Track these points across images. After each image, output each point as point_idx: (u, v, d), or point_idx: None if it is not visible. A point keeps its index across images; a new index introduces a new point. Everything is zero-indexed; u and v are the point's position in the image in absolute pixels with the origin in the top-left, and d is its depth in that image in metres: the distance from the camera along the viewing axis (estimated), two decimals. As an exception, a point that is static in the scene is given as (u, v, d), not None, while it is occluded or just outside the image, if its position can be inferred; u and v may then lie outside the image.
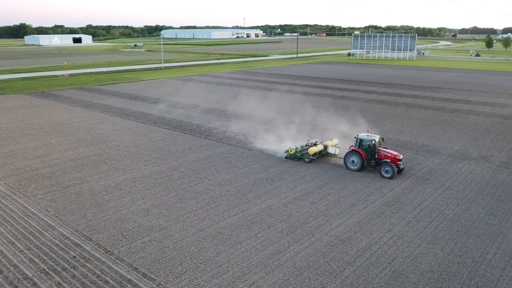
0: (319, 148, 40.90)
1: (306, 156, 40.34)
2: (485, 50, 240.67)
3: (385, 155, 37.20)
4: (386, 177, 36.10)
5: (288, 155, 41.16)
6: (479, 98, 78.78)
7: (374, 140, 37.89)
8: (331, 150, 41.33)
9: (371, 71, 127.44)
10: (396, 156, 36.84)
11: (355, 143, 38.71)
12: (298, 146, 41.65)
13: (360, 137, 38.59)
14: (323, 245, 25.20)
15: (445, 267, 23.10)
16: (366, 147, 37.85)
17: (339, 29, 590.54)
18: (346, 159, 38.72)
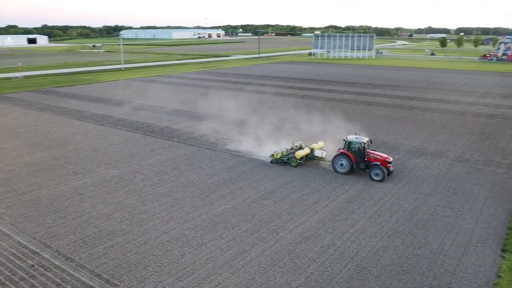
0: (306, 152, 39.66)
1: (292, 160, 39.06)
2: (439, 49, 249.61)
3: (374, 158, 36.51)
4: (376, 180, 35.44)
5: (273, 159, 39.62)
6: (435, 95, 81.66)
7: (364, 142, 37.20)
8: (318, 153, 40.09)
9: (332, 70, 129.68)
10: (386, 158, 36.34)
11: (344, 146, 37.78)
12: (283, 150, 40.09)
13: (349, 139, 37.64)
14: (287, 243, 25.45)
15: (405, 259, 23.82)
16: (356, 150, 37.06)
17: (300, 29, 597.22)
18: (334, 162, 37.74)
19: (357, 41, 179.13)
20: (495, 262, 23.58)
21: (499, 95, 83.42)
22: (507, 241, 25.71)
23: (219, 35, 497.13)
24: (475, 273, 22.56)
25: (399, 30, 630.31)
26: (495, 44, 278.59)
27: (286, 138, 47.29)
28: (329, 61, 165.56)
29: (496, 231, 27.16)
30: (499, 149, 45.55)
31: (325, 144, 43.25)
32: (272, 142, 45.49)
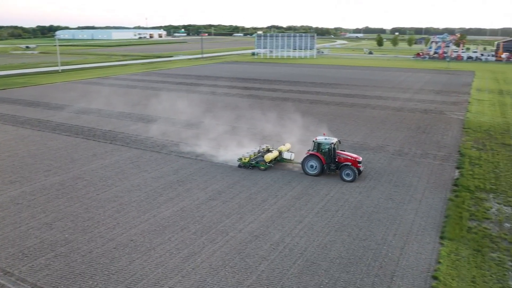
0: (275, 155, 38.90)
1: (261, 164, 38.17)
2: (376, 48, 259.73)
3: (345, 158, 36.38)
4: (348, 180, 35.38)
5: (241, 163, 38.53)
6: (374, 92, 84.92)
7: (333, 143, 37.04)
8: (287, 155, 39.45)
9: (275, 69, 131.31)
10: (356, 158, 36.35)
11: (313, 147, 37.38)
12: (251, 153, 39.11)
13: (319, 140, 37.23)
14: (237, 243, 25.49)
15: (352, 251, 24.59)
16: (326, 151, 36.72)
17: (242, 29, 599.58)
18: (304, 164, 37.27)
19: (298, 41, 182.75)
20: (434, 249, 24.91)
21: (432, 91, 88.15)
22: (444, 229, 27.22)
23: (161, 36, 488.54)
24: (417, 260, 23.70)
25: (339, 30, 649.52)
26: (427, 43, 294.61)
27: (237, 138, 47.32)
28: (272, 60, 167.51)
29: (435, 220, 28.69)
30: (434, 142, 48.13)
31: (278, 144, 43.73)
32: (225, 143, 45.54)
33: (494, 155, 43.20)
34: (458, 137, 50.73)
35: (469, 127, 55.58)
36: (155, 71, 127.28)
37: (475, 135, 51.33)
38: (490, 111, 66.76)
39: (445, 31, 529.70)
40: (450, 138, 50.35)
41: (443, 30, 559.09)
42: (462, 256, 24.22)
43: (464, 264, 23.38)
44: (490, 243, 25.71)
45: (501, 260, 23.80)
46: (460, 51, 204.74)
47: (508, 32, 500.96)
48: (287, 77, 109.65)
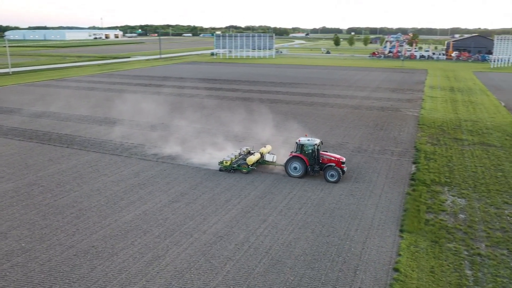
0: (257, 157, 37.95)
1: (243, 167, 37.39)
2: (334, 48, 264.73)
3: (328, 159, 36.13)
4: (332, 181, 35.12)
5: (222, 167, 37.63)
6: (332, 91, 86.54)
7: (317, 144, 36.69)
8: (269, 157, 38.79)
9: (235, 69, 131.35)
10: (340, 159, 36.18)
11: (296, 149, 36.97)
12: (232, 156, 38.06)
13: (302, 142, 36.77)
14: (202, 244, 25.31)
15: (316, 248, 24.95)
16: (309, 152, 36.40)
17: (201, 29, 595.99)
18: (287, 166, 36.72)
19: (257, 41, 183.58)
20: (395, 242, 25.67)
21: (388, 89, 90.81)
22: (403, 222, 28.11)
23: (117, 36, 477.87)
24: (378, 254, 24.35)
25: (296, 30, 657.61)
26: (382, 42, 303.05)
27: (203, 140, 47.00)
28: (231, 60, 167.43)
29: (394, 214, 29.58)
30: (391, 139, 49.60)
31: (241, 144, 43.72)
32: (193, 144, 45.12)
33: (448, 150, 44.99)
34: (414, 133, 52.50)
35: (423, 123, 57.63)
36: (113, 72, 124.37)
37: (430, 131, 53.28)
38: (443, 108, 69.49)
39: (398, 30, 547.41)
40: (406, 134, 52.03)
41: (397, 30, 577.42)
42: (421, 247, 25.08)
43: (423, 255, 24.23)
44: (446, 234, 26.76)
45: (457, 250, 24.83)
46: (413, 50, 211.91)
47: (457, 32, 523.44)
48: (247, 77, 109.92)
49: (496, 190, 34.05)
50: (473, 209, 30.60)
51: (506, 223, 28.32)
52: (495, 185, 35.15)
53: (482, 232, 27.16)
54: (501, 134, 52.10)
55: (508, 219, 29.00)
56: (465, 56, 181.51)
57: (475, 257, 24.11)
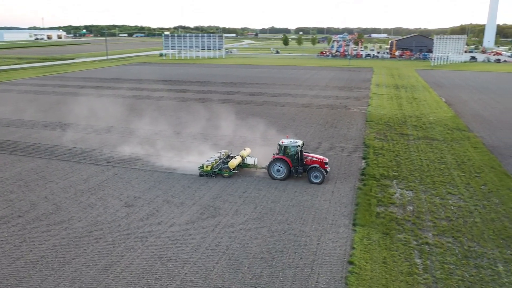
0: (239, 160, 37.09)
1: (225, 171, 36.33)
2: (283, 48, 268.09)
3: (312, 160, 35.81)
4: (316, 182, 34.78)
5: (202, 172, 36.29)
6: (283, 90, 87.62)
7: (299, 146, 36.28)
8: (250, 160, 37.85)
9: (184, 70, 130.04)
10: (323, 160, 35.91)
11: (279, 151, 36.46)
12: (212, 160, 36.93)
13: (285, 144, 36.23)
14: (158, 248, 24.89)
15: (273, 246, 25.19)
16: (293, 154, 35.93)
17: (148, 29, 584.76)
18: (270, 169, 36.04)
19: (207, 41, 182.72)
20: (348, 236, 26.40)
21: (336, 87, 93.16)
22: (356, 216, 28.96)
23: (60, 37, 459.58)
24: (333, 248, 24.95)
25: (245, 30, 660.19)
26: (330, 42, 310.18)
27: (151, 142, 46.09)
28: (181, 61, 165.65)
29: (347, 208, 30.41)
30: (341, 136, 50.92)
31: (196, 145, 43.27)
32: (142, 147, 44.23)
33: (395, 145, 46.78)
34: (362, 129, 54.18)
35: (371, 120, 59.59)
36: (57, 74, 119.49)
37: (377, 127, 55.18)
38: (389, 104, 72.17)
39: (344, 30, 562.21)
40: (355, 131, 53.60)
41: (343, 29, 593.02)
42: (373, 240, 25.95)
43: (376, 247, 25.08)
44: (396, 225, 27.83)
45: (407, 240, 25.89)
46: (359, 49, 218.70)
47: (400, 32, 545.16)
48: (197, 78, 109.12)
49: (440, 181, 35.81)
50: (420, 200, 32.02)
51: (451, 213, 29.85)
52: (439, 177, 36.96)
53: (429, 222, 28.48)
54: (443, 128, 54.82)
55: (452, 208, 30.58)
56: (407, 54, 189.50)
57: (424, 246, 25.25)
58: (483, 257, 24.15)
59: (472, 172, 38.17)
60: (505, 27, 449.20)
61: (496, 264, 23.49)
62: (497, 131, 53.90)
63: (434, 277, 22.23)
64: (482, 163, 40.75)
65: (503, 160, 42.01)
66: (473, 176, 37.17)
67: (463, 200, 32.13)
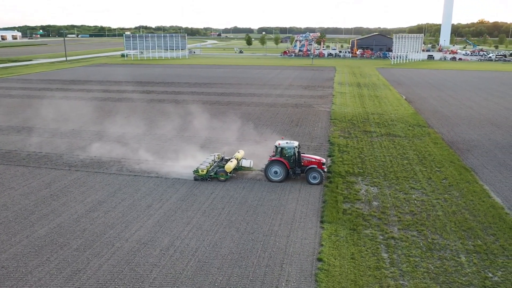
0: (235, 163, 36.24)
1: (221, 174, 35.48)
2: (246, 47, 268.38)
3: (309, 161, 35.53)
4: (314, 183, 34.53)
5: (198, 176, 35.28)
6: (248, 90, 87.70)
7: (296, 147, 36.00)
8: (246, 163, 37.05)
9: (147, 71, 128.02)
10: (320, 160, 35.78)
11: (276, 152, 35.93)
12: (207, 164, 35.91)
13: (282, 145, 35.79)
14: (125, 253, 24.33)
15: (242, 246, 25.13)
16: (290, 155, 35.58)
17: (109, 29, 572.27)
18: (267, 171, 35.37)
19: (169, 41, 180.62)
20: (317, 233, 26.67)
21: (300, 86, 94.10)
22: (323, 213, 29.30)
23: (16, 37, 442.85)
24: (302, 246, 25.14)
25: (208, 30, 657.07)
26: (292, 41, 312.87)
27: (114, 145, 45.04)
28: (143, 62, 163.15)
29: (314, 206, 30.73)
30: (306, 134, 51.44)
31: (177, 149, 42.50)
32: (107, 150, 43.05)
33: (359, 142, 47.68)
34: (327, 127, 54.93)
35: (335, 118, 60.51)
36: (13, 76, 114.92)
37: (341, 125, 56.08)
38: (352, 103, 73.52)
39: (306, 30, 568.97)
40: (320, 129, 54.28)
41: (305, 29, 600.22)
42: (341, 236, 26.33)
43: (344, 244, 25.45)
44: (363, 221, 28.35)
45: (374, 235, 26.42)
46: (321, 48, 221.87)
47: (360, 31, 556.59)
48: (160, 78, 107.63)
49: (404, 177, 36.76)
50: (384, 196, 32.75)
51: (414, 207, 30.69)
52: (402, 172, 37.94)
53: (394, 216, 29.17)
54: (404, 125, 56.33)
55: (416, 203, 31.45)
56: (368, 53, 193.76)
57: (390, 241, 25.83)
58: (446, 249, 24.96)
59: (433, 167, 39.39)
60: (460, 26, 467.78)
61: (458, 255, 24.32)
62: (455, 127, 55.91)
63: (400, 270, 22.78)
64: (442, 158, 42.13)
65: (461, 154, 43.60)
66: (434, 171, 38.37)
67: (426, 194, 33.12)
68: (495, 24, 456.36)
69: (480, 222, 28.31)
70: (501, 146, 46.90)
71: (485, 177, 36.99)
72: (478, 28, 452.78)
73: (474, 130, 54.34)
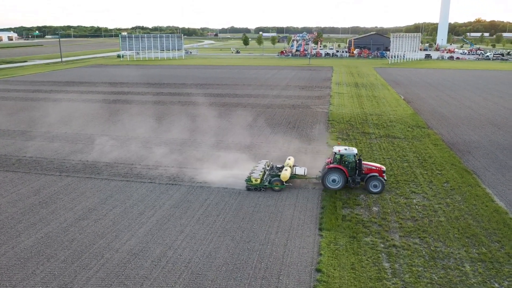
0: (290, 172, 34.41)
1: (276, 184, 33.59)
2: (243, 47, 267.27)
3: (369, 169, 33.88)
4: (375, 192, 32.89)
5: (251, 185, 33.39)
6: (244, 91, 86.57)
7: (357, 154, 34.41)
8: (300, 171, 35.19)
9: (143, 72, 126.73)
10: (380, 168, 34.22)
11: (334, 160, 34.26)
12: (259, 173, 33.95)
13: (342, 152, 34.00)
14: (115, 265, 23.24)
15: (237, 256, 24.07)
16: (351, 163, 33.84)
17: (105, 30, 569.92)
18: (325, 179, 33.50)
19: (165, 41, 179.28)
20: (315, 241, 25.63)
21: (297, 87, 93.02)
22: (322, 220, 28.27)
23: (11, 38, 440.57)
24: (300, 255, 24.10)
25: (205, 30, 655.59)
26: (289, 41, 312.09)
27: (110, 148, 43.91)
28: (139, 62, 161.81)
29: (312, 212, 29.69)
30: (304, 136, 50.35)
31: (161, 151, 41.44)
32: (103, 154, 41.89)
33: (357, 144, 46.63)
34: (325, 129, 53.88)
35: (333, 119, 59.48)
36: (6, 78, 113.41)
37: (339, 126, 55.05)
38: (350, 103, 72.50)
39: (304, 30, 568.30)
40: (318, 131, 53.23)
41: (302, 29, 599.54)
42: (340, 244, 25.30)
43: (343, 253, 24.42)
44: (363, 228, 27.33)
45: (374, 243, 25.40)
46: (318, 48, 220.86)
47: (357, 31, 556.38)
48: (156, 79, 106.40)
49: (404, 180, 35.76)
50: (384, 200, 31.74)
51: (416, 212, 29.70)
52: (403, 175, 36.93)
53: (395, 223, 28.16)
54: (403, 126, 55.34)
55: (417, 208, 30.44)
56: (365, 53, 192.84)
57: (391, 249, 24.81)
58: (450, 258, 23.97)
59: (434, 170, 38.41)
60: (457, 25, 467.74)
61: (463, 264, 23.33)
62: (455, 128, 54.95)
63: (403, 281, 21.78)
64: (443, 160, 41.15)
65: (462, 156, 42.64)
66: (435, 174, 37.40)
67: (427, 198, 32.12)
68: (492, 23, 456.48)
69: (484, 228, 27.33)
70: (502, 147, 45.96)
71: (487, 180, 36.02)
72: (475, 27, 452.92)
73: (474, 131, 53.41)
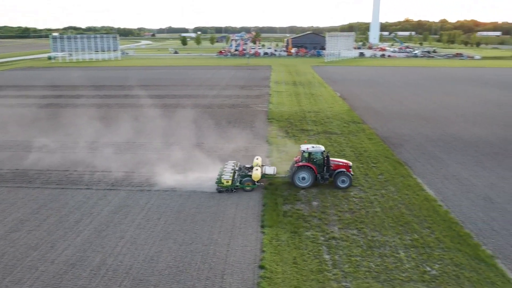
0: (260, 171, 34.14)
1: (248, 184, 33.36)
2: (181, 48, 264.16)
3: (337, 165, 34.52)
4: (343, 187, 33.64)
5: (222, 187, 32.91)
6: (183, 91, 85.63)
7: (324, 151, 34.80)
8: (269, 170, 35.01)
9: (77, 74, 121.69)
10: (347, 163, 34.93)
11: (302, 158, 34.51)
12: (230, 174, 33.35)
13: (309, 150, 34.49)
14: (50, 277, 22.17)
15: (180, 259, 23.81)
16: (319, 160, 34.38)
17: (34, 30, 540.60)
18: (295, 177, 33.96)
19: (100, 42, 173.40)
20: (258, 238, 25.91)
21: (237, 86, 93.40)
22: (264, 217, 28.62)
23: None
24: (243, 253, 24.26)
25: (142, 30, 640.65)
26: (228, 41, 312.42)
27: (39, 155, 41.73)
28: (72, 64, 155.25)
29: (254, 210, 29.97)
30: (244, 135, 50.43)
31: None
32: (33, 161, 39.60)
33: (297, 141, 47.61)
34: (265, 127, 54.51)
35: (272, 117, 60.34)
36: None
37: (279, 124, 55.95)
38: (288, 101, 73.87)
39: (242, 29, 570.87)
40: (258, 129, 53.73)
41: (240, 28, 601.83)
42: (282, 240, 25.75)
43: (285, 248, 24.88)
44: (304, 223, 27.99)
45: (315, 237, 26.10)
46: (257, 48, 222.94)
47: (294, 30, 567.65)
48: (91, 82, 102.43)
49: (341, 174, 36.95)
50: (324, 195, 32.70)
51: (353, 204, 30.86)
52: (340, 170, 38.15)
53: (334, 216, 29.10)
54: (340, 122, 57.25)
55: (354, 200, 31.64)
56: (303, 52, 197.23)
57: (331, 241, 25.63)
58: (386, 246, 25.14)
59: (369, 163, 40.08)
60: (387, 24, 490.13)
61: (397, 251, 24.56)
62: (388, 122, 57.64)
63: (343, 272, 22.56)
64: (377, 153, 43.04)
65: (395, 149, 44.82)
66: (371, 167, 39.04)
67: (363, 191, 33.48)
68: (419, 23, 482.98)
69: (416, 216, 28.93)
70: (430, 139, 48.82)
71: (417, 171, 38.14)
72: (404, 26, 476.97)
73: (405, 124, 56.30)
